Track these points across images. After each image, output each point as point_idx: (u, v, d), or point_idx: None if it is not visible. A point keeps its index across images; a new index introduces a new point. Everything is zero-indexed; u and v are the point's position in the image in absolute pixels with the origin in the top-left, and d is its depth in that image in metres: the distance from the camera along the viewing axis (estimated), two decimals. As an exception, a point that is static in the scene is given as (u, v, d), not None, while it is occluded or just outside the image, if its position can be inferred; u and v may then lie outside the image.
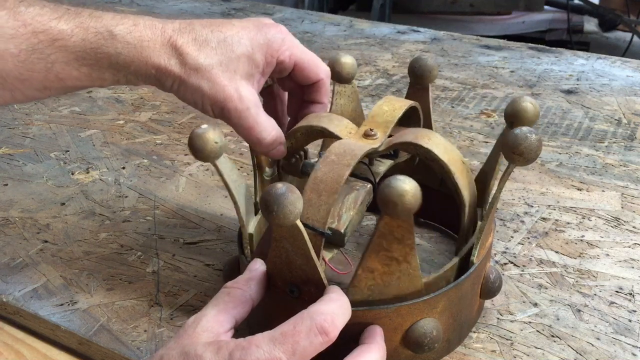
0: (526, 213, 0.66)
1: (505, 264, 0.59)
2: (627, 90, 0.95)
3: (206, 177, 0.74)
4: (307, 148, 0.56)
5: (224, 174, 0.47)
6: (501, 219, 0.65)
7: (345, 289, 0.44)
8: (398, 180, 0.39)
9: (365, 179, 0.52)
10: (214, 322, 0.41)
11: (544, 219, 0.65)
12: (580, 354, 0.49)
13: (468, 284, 0.48)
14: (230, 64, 0.49)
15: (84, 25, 0.48)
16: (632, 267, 0.58)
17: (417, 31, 1.23)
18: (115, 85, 0.65)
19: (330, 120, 0.52)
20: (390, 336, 0.45)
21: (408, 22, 1.42)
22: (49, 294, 0.56)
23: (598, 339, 0.51)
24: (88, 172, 0.75)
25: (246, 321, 0.43)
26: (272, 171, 0.56)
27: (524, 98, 0.50)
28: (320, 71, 0.53)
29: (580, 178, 0.72)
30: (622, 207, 0.67)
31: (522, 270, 0.58)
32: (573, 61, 1.07)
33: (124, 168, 0.76)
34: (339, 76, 0.56)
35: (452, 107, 0.90)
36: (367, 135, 0.50)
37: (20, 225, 0.66)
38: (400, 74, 1.02)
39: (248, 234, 0.50)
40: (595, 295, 0.55)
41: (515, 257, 0.60)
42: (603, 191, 0.70)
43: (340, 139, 0.50)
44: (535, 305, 0.54)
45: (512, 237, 0.62)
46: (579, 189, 0.70)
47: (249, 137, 0.51)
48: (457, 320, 0.48)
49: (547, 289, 0.56)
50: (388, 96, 0.54)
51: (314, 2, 2.37)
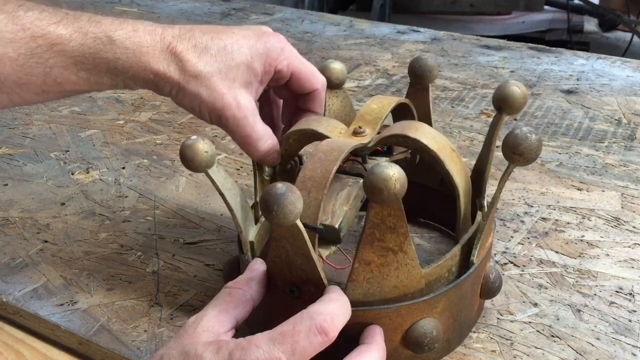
0: (526, 213, 0.66)
1: (505, 264, 0.59)
2: (627, 90, 0.95)
3: (206, 177, 0.73)
4: (302, 154, 0.56)
5: (217, 182, 0.47)
6: (501, 219, 0.65)
7: (344, 286, 0.44)
8: (381, 166, 0.39)
9: (357, 175, 0.52)
10: (215, 322, 0.41)
11: (544, 219, 0.65)
12: (580, 354, 0.49)
13: (468, 284, 0.48)
14: (230, 72, 0.50)
15: (83, 30, 0.48)
16: (632, 267, 0.58)
17: (417, 31, 1.23)
18: (113, 89, 0.65)
19: (320, 122, 0.52)
20: (390, 336, 0.45)
21: (408, 22, 1.41)
22: (49, 294, 0.56)
23: (598, 339, 0.51)
24: (88, 172, 0.75)
25: (246, 321, 0.43)
26: (272, 171, 0.56)
27: (510, 82, 0.50)
28: (317, 81, 0.54)
29: (580, 178, 0.72)
30: (622, 207, 0.67)
31: (522, 270, 0.58)
32: (573, 61, 1.07)
33: (124, 168, 0.76)
34: (329, 82, 0.57)
35: (452, 107, 0.90)
36: (356, 133, 0.51)
37: (20, 225, 0.66)
38: (400, 74, 1.02)
39: (249, 241, 0.50)
40: (595, 295, 0.55)
41: (515, 257, 0.60)
42: (603, 191, 0.70)
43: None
44: (535, 305, 0.54)
45: (512, 237, 0.62)
46: (579, 189, 0.70)
47: (246, 145, 0.51)
48: (457, 320, 0.48)
49: (547, 289, 0.56)
50: (377, 95, 0.55)
51: (314, 2, 2.37)
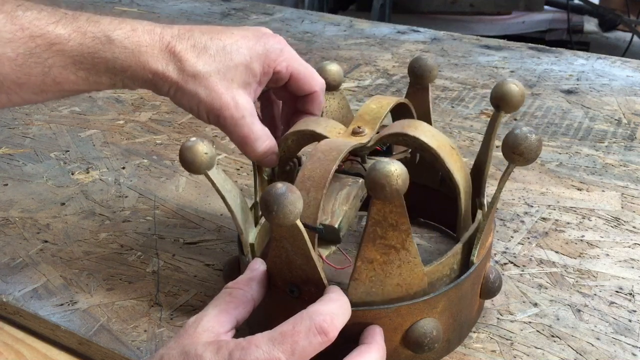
0: (526, 213, 0.66)
1: (505, 264, 0.59)
2: (627, 90, 0.95)
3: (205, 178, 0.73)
4: (301, 155, 0.56)
5: (217, 184, 0.47)
6: (501, 219, 0.65)
7: (346, 288, 0.44)
8: (382, 162, 0.39)
9: (357, 175, 0.52)
10: (215, 322, 0.41)
11: (544, 219, 0.65)
12: (580, 354, 0.49)
13: (468, 284, 0.48)
14: (228, 72, 0.50)
15: (82, 29, 0.48)
16: (632, 267, 0.58)
17: (417, 31, 1.23)
18: (112, 89, 0.66)
19: (318, 123, 0.52)
20: (390, 336, 0.45)
21: (408, 22, 1.41)
22: (49, 294, 0.56)
23: (598, 339, 0.51)
24: (88, 172, 0.75)
25: (246, 321, 0.43)
26: (271, 172, 0.56)
27: (508, 80, 0.50)
28: (316, 83, 0.54)
29: (580, 178, 0.72)
30: (622, 207, 0.67)
31: (522, 270, 0.58)
32: (573, 61, 1.07)
33: (124, 168, 0.76)
34: (326, 83, 0.56)
35: (452, 107, 0.90)
36: (355, 132, 0.51)
37: (20, 225, 0.66)
38: (400, 74, 1.02)
39: (249, 244, 0.50)
40: (595, 295, 0.55)
41: (515, 257, 0.60)
42: (603, 191, 0.70)
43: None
44: (535, 305, 0.54)
45: (512, 237, 0.62)
46: (579, 189, 0.70)
47: (243, 145, 0.51)
48: (457, 320, 0.48)
49: (547, 289, 0.56)
50: (376, 95, 0.54)
51: (314, 2, 2.37)
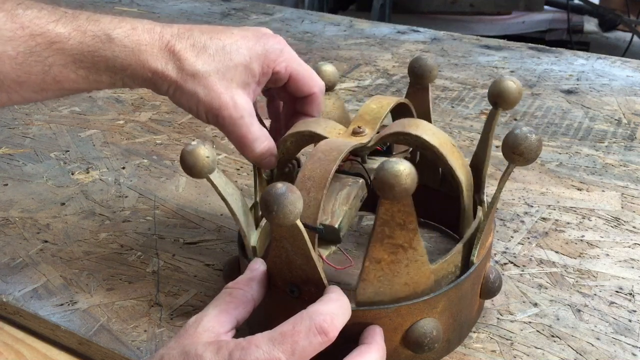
0: (526, 213, 0.66)
1: (505, 264, 0.59)
2: (627, 90, 0.95)
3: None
4: (299, 157, 0.56)
5: (219, 187, 0.47)
6: (501, 219, 0.65)
7: (349, 289, 0.43)
8: (391, 162, 0.39)
9: (357, 175, 0.51)
10: (215, 322, 0.41)
11: (544, 219, 0.65)
12: (580, 354, 0.49)
13: (468, 284, 0.48)
14: (227, 72, 0.50)
15: (82, 28, 0.48)
16: (632, 267, 0.58)
17: (417, 31, 1.23)
18: (111, 88, 0.65)
19: (318, 124, 0.52)
20: (390, 336, 0.45)
21: (408, 22, 1.41)
22: (49, 294, 0.56)
23: (598, 339, 0.51)
24: (88, 172, 0.75)
25: (247, 321, 0.43)
26: (270, 174, 0.56)
27: (505, 77, 0.50)
28: (315, 85, 0.54)
29: (580, 178, 0.72)
30: (622, 207, 0.67)
31: (522, 270, 0.58)
32: (573, 61, 1.07)
33: (124, 168, 0.76)
34: None
35: (452, 107, 0.90)
36: (356, 132, 0.51)
37: (20, 225, 0.66)
38: (400, 74, 1.02)
39: (252, 246, 0.50)
40: (595, 295, 0.55)
41: (515, 257, 0.60)
42: (603, 191, 0.70)
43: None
44: (535, 305, 0.54)
45: (512, 237, 0.62)
46: (579, 189, 0.70)
47: (241, 145, 0.51)
48: (457, 320, 0.48)
49: (547, 289, 0.56)
50: (376, 95, 0.54)
51: (314, 2, 2.37)
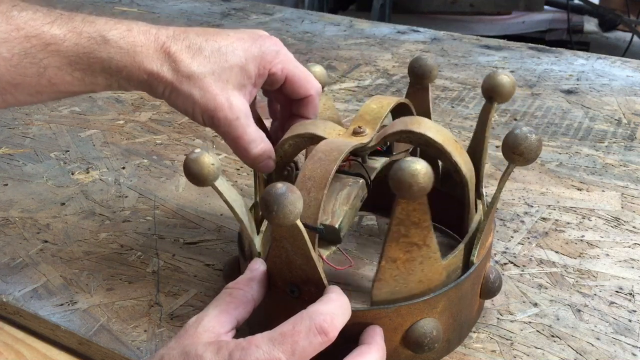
0: (526, 213, 0.66)
1: (505, 264, 0.59)
2: (627, 90, 0.95)
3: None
4: (297, 160, 0.56)
5: (225, 195, 0.46)
6: (501, 219, 0.65)
7: (349, 289, 0.43)
8: (407, 161, 0.39)
9: (357, 175, 0.51)
10: (215, 322, 0.41)
11: (544, 219, 0.65)
12: (580, 354, 0.49)
13: (468, 284, 0.48)
14: (223, 73, 0.49)
15: (77, 30, 0.48)
16: (632, 267, 0.58)
17: (417, 31, 1.23)
18: (108, 91, 0.65)
19: (317, 126, 0.52)
20: (390, 336, 0.45)
21: (408, 22, 1.41)
22: (49, 294, 0.56)
23: (598, 339, 0.51)
24: (88, 172, 0.75)
25: (247, 321, 0.43)
26: (270, 177, 0.56)
27: (499, 72, 0.51)
28: (311, 87, 0.53)
29: (580, 178, 0.72)
30: (622, 207, 0.67)
31: (522, 270, 0.58)
32: (573, 61, 1.07)
33: (124, 168, 0.76)
34: None
35: (452, 107, 0.90)
36: (356, 132, 0.50)
37: (20, 225, 0.66)
38: (400, 74, 1.02)
39: (258, 252, 0.50)
40: (595, 295, 0.55)
41: (515, 257, 0.60)
42: (603, 191, 0.70)
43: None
44: (535, 305, 0.54)
45: (512, 237, 0.62)
46: (579, 189, 0.70)
47: (237, 147, 0.51)
48: (457, 320, 0.48)
49: (547, 289, 0.56)
50: (376, 95, 0.54)
51: (314, 2, 2.37)
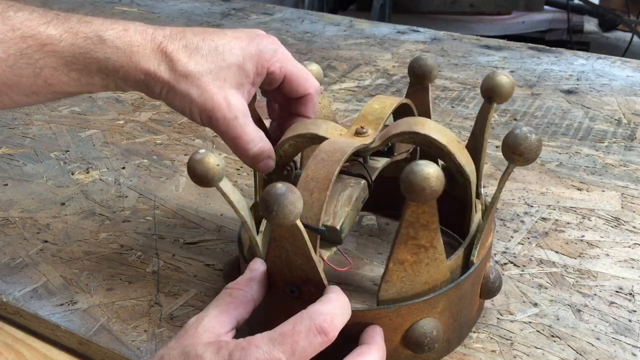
0: (526, 213, 0.66)
1: (505, 264, 0.59)
2: (627, 90, 0.95)
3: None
4: (297, 159, 0.56)
5: (229, 196, 0.46)
6: (501, 219, 0.65)
7: (349, 289, 0.43)
8: (419, 164, 0.39)
9: (359, 176, 0.51)
10: (215, 322, 0.41)
11: (544, 219, 0.65)
12: (580, 354, 0.49)
13: (468, 284, 0.48)
14: (221, 72, 0.49)
15: (73, 30, 0.48)
16: (632, 267, 0.58)
17: (417, 31, 1.23)
18: (104, 91, 0.65)
19: (318, 126, 0.52)
20: (390, 336, 0.45)
21: (408, 22, 1.41)
22: (49, 294, 0.56)
23: (598, 339, 0.51)
24: (88, 172, 0.75)
25: (247, 321, 0.43)
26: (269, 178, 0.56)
27: (498, 72, 0.51)
28: (310, 86, 0.53)
29: (580, 178, 0.72)
30: (622, 207, 0.67)
31: (522, 270, 0.58)
32: (573, 61, 1.07)
33: (124, 168, 0.76)
34: None
35: (452, 107, 0.90)
36: (358, 133, 0.50)
37: (20, 225, 0.66)
38: (400, 74, 1.02)
39: (261, 252, 0.50)
40: (595, 295, 0.55)
41: (515, 257, 0.60)
42: (603, 191, 0.70)
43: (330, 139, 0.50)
44: (535, 305, 0.54)
45: (512, 237, 0.62)
46: (579, 189, 0.70)
47: (236, 146, 0.50)
48: (457, 320, 0.48)
49: (547, 289, 0.56)
50: (378, 95, 0.54)
51: (314, 2, 2.37)
